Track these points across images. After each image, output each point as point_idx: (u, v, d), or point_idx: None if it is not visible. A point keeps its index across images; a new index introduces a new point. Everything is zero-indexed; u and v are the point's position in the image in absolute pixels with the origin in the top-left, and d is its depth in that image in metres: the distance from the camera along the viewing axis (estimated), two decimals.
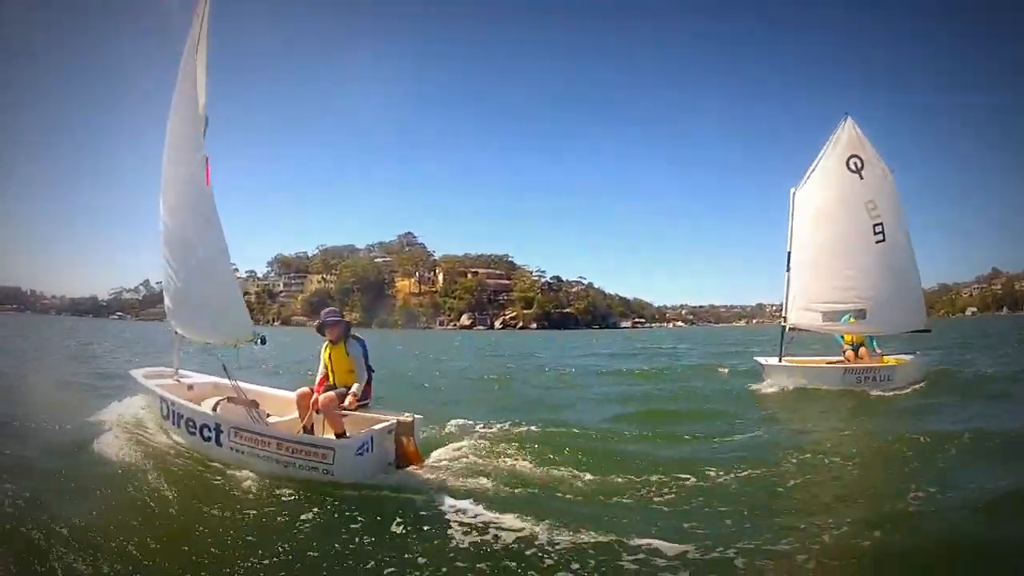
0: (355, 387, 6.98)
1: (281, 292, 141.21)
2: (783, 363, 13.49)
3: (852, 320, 13.51)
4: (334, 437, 6.69)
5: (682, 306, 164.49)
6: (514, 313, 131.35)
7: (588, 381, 17.06)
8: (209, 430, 7.07)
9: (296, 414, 7.26)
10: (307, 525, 5.16)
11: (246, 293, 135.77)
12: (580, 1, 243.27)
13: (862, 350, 13.82)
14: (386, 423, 6.88)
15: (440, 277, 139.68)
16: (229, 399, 7.80)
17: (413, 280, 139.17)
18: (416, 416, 6.93)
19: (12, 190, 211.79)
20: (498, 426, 8.85)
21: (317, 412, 6.96)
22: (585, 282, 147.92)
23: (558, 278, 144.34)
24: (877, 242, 13.34)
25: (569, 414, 10.64)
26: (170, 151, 8.02)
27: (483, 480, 6.36)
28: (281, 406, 7.91)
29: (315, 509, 5.51)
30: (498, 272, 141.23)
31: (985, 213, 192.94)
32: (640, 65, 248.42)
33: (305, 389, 7.18)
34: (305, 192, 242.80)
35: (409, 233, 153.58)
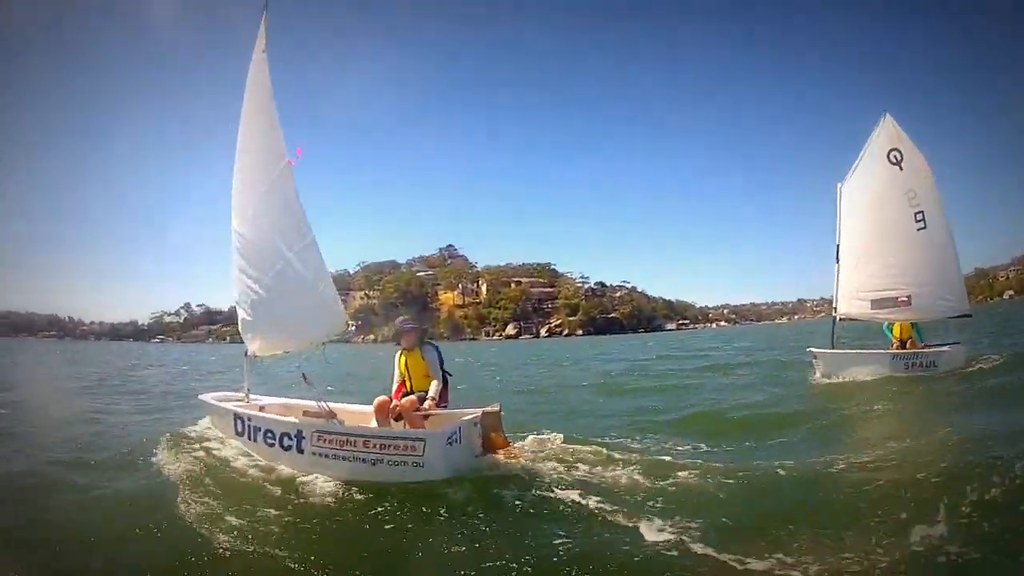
0: (432, 390, 6.97)
1: None
2: (836, 352, 14.08)
3: (899, 308, 14.05)
4: None
5: (724, 306, 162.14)
6: (559, 321, 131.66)
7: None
8: (290, 438, 6.89)
9: (374, 424, 7.14)
10: (402, 519, 5.15)
11: None
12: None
13: (909, 343, 14.29)
14: (472, 415, 6.87)
15: (483, 288, 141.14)
16: (305, 413, 7.86)
17: (456, 292, 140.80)
18: (499, 406, 6.94)
19: (49, 217, 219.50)
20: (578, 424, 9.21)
21: (396, 420, 6.97)
22: (628, 286, 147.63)
23: (602, 284, 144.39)
24: (918, 229, 13.87)
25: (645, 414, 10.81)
26: (246, 162, 8.05)
27: (572, 470, 6.37)
28: (356, 419, 7.65)
29: (410, 501, 5.52)
30: (541, 281, 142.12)
31: (1019, 191, 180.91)
32: (677, 66, 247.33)
33: (383, 397, 7.13)
34: (345, 208, 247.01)
35: (450, 246, 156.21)
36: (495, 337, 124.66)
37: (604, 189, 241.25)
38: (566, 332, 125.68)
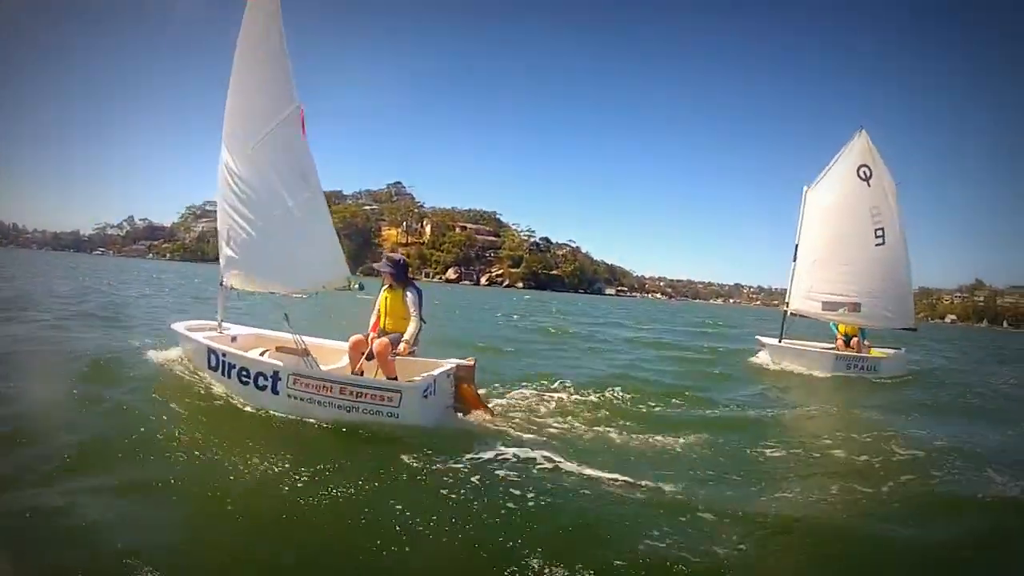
0: (408, 333, 6.89)
1: None
2: (783, 343, 15.13)
3: (847, 312, 15.14)
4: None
5: (661, 278, 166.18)
6: (501, 271, 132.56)
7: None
8: (265, 378, 6.80)
9: (346, 362, 7.22)
10: (374, 466, 5.19)
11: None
12: None
13: (854, 341, 15.30)
14: (446, 367, 6.99)
15: (428, 229, 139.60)
16: (278, 348, 7.76)
17: (400, 230, 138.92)
18: (475, 360, 7.20)
19: None
20: (551, 382, 9.52)
21: (369, 359, 6.94)
22: (573, 245, 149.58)
23: (547, 239, 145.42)
24: (877, 244, 14.84)
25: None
26: (246, 100, 7.71)
27: (543, 427, 6.78)
28: (330, 356, 7.74)
29: (383, 450, 5.64)
30: (487, 228, 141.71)
31: (973, 224, 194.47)
32: (642, 57, 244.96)
33: (358, 336, 7.09)
34: None
35: (398, 183, 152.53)
36: (435, 279, 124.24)
37: (556, 148, 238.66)
38: (507, 283, 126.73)
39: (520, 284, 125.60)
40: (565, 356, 15.25)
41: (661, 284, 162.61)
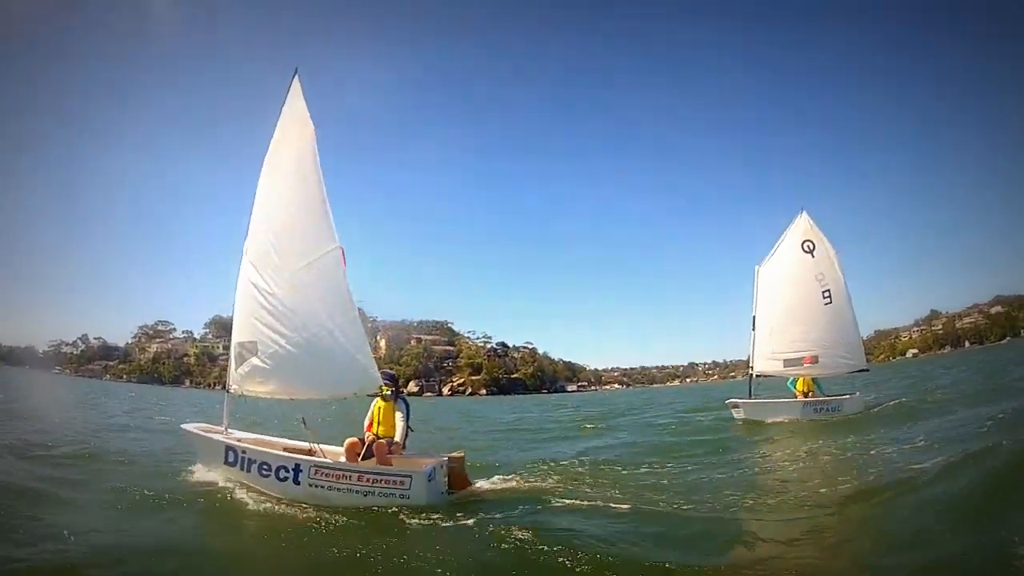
0: (398, 435, 8.21)
1: (221, 355, 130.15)
2: (752, 400, 17.22)
3: (808, 365, 17.48)
4: None
5: (615, 369, 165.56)
6: (462, 379, 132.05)
7: None
8: (287, 471, 7.87)
9: (342, 460, 8.10)
10: (392, 529, 6.76)
11: (184, 355, 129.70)
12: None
13: (810, 395, 17.66)
14: (441, 458, 8.26)
15: (382, 343, 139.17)
16: (285, 449, 8.69)
17: None
18: (463, 452, 8.76)
19: None
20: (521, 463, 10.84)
21: (364, 458, 8.03)
22: (531, 347, 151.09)
23: (503, 344, 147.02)
24: (825, 304, 17.72)
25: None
26: (285, 231, 8.98)
27: (519, 497, 8.15)
28: (330, 457, 8.37)
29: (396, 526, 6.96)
30: (442, 339, 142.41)
31: (921, 255, 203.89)
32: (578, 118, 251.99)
33: (353, 439, 8.24)
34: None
35: None
36: None
37: (499, 247, 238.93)
38: (469, 391, 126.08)
39: (483, 391, 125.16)
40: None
41: (616, 374, 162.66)
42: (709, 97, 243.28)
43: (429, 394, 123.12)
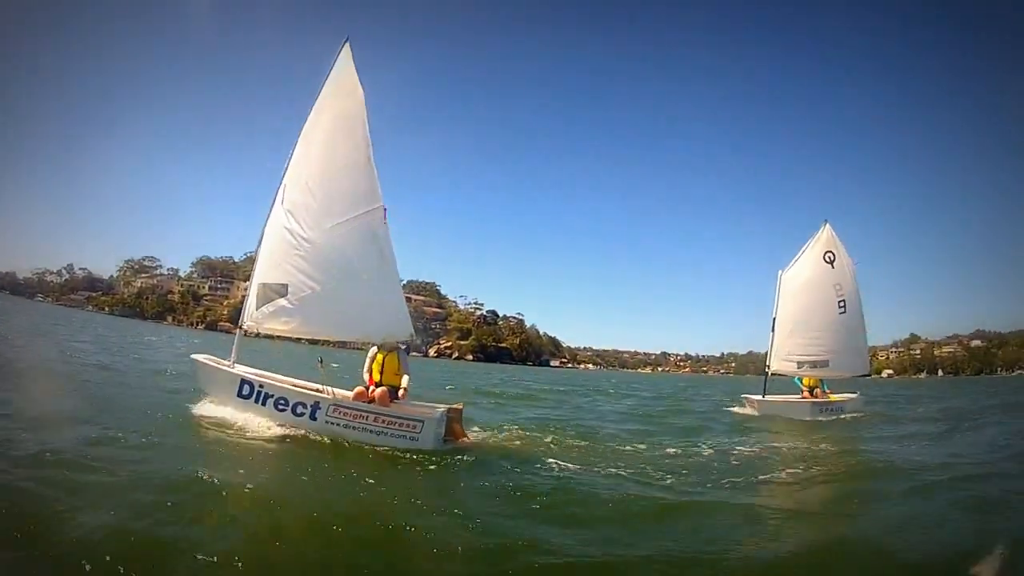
0: (404, 383, 8.83)
1: (206, 295, 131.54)
2: (766, 398, 18.46)
3: (818, 368, 18.80)
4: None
5: (587, 348, 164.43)
6: (449, 343, 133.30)
7: None
8: (304, 407, 8.31)
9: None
10: (397, 470, 7.48)
11: (169, 292, 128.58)
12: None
13: (816, 391, 19.00)
14: (444, 408, 8.92)
15: None
16: (294, 387, 9.02)
17: None
18: (463, 404, 9.55)
19: None
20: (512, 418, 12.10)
21: (370, 403, 8.54)
22: (520, 318, 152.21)
23: (494, 312, 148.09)
24: (840, 313, 18.98)
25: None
26: (327, 184, 9.43)
27: (509, 447, 9.18)
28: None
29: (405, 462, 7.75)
30: (432, 300, 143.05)
31: (906, 279, 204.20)
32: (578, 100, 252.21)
33: (360, 388, 8.80)
34: (237, 193, 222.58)
35: None
36: None
37: (490, 214, 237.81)
38: (456, 355, 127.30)
39: (470, 356, 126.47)
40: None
41: (588, 354, 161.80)
42: (686, 97, 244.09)
43: (415, 354, 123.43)
